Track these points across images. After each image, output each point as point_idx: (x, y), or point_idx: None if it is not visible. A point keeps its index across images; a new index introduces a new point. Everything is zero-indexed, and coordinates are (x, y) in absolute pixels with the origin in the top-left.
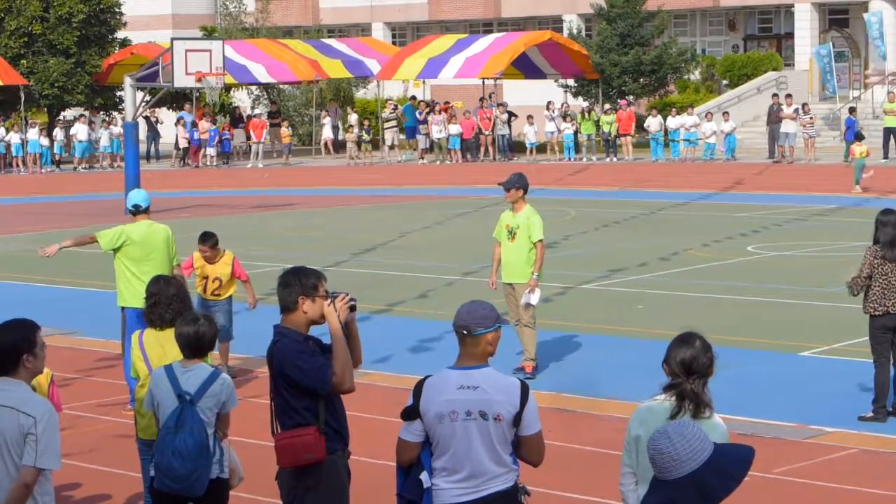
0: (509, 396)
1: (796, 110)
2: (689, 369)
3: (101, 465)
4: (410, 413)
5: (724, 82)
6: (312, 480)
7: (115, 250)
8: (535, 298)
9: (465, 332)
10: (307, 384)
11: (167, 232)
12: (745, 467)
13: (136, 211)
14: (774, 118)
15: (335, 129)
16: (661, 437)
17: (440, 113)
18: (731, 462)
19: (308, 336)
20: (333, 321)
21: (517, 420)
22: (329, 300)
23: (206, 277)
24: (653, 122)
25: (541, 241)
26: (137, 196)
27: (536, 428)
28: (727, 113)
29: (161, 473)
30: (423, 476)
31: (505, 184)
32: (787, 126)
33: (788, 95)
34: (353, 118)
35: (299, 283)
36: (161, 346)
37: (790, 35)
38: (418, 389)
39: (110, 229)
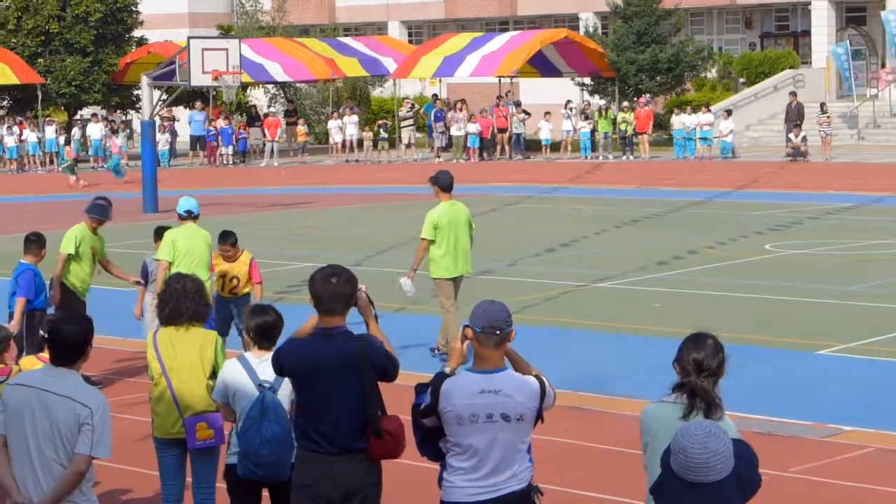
0: (531, 398)
1: (804, 138)
2: (701, 369)
3: (120, 464)
4: (429, 412)
5: (741, 80)
6: (378, 474)
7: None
8: (406, 286)
9: (497, 332)
10: (393, 375)
11: (208, 237)
12: (754, 452)
13: (188, 216)
14: (792, 117)
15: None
16: (709, 438)
17: (460, 111)
18: (745, 450)
19: None
20: (371, 312)
21: (538, 414)
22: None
23: (224, 276)
24: (676, 121)
25: (421, 238)
26: (187, 203)
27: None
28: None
29: (249, 461)
30: (443, 444)
31: None
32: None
33: (797, 125)
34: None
35: (354, 282)
36: (172, 345)
37: (807, 33)
38: (436, 390)
39: (163, 246)
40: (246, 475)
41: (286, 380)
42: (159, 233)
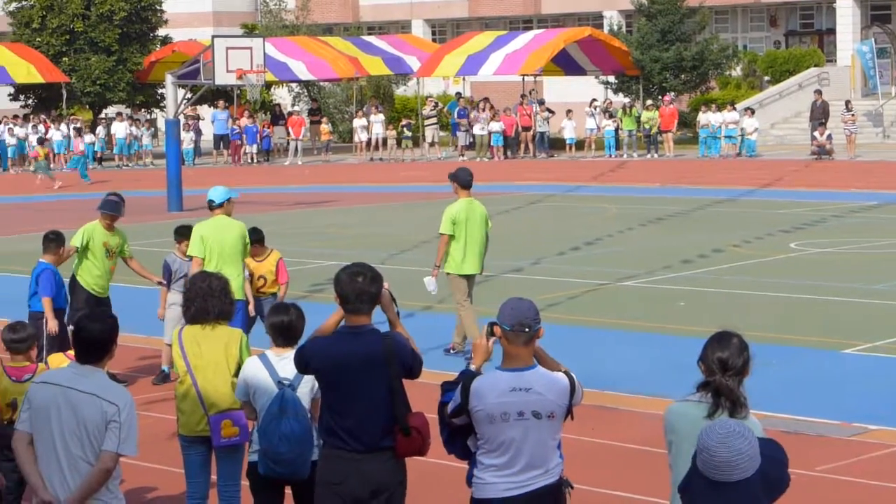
0: (561, 395)
1: (829, 136)
2: (725, 368)
3: (145, 462)
4: (459, 411)
5: (766, 78)
6: (404, 472)
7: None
8: (430, 285)
9: (526, 329)
10: (417, 372)
11: (242, 228)
12: (784, 451)
13: (211, 206)
14: (817, 115)
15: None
16: (733, 436)
17: (483, 110)
18: (774, 449)
19: None
20: (394, 309)
21: (568, 410)
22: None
23: (251, 275)
24: (703, 119)
25: (441, 234)
26: (211, 192)
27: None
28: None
29: (268, 459)
30: (471, 441)
31: None
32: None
33: (822, 124)
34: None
35: (379, 281)
36: (197, 343)
37: (832, 31)
38: (466, 389)
39: (192, 243)
40: (266, 473)
41: (306, 377)
42: (180, 231)
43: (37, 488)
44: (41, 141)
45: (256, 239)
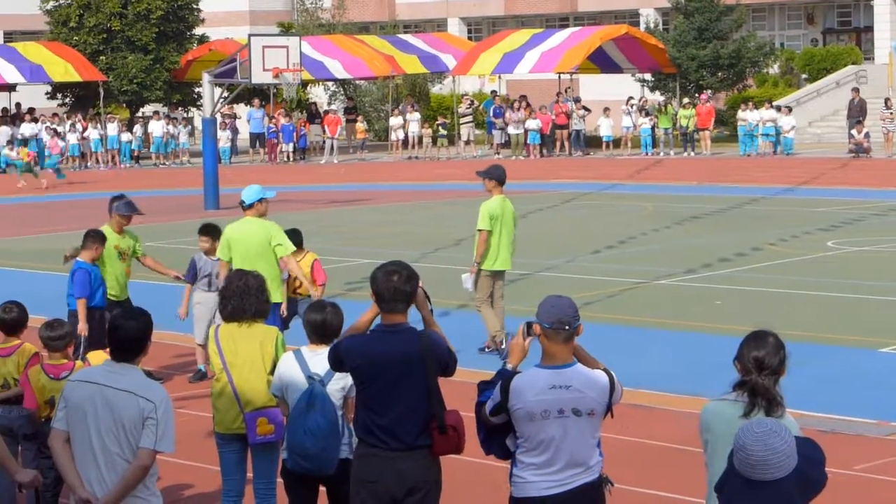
0: (601, 393)
1: (867, 134)
2: (762, 367)
3: (181, 459)
4: (498, 410)
5: (804, 76)
6: (439, 470)
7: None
8: (467, 283)
9: (566, 327)
10: (452, 370)
11: (268, 229)
12: (821, 451)
13: (242, 207)
14: (855, 113)
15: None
16: (769, 435)
17: (518, 110)
18: (811, 448)
19: None
20: (428, 307)
21: (608, 408)
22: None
23: (287, 276)
24: (742, 115)
25: (479, 230)
26: (244, 192)
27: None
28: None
29: (294, 453)
30: (510, 441)
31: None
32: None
33: (860, 122)
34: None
35: (415, 279)
36: (234, 340)
37: (870, 28)
38: (506, 387)
39: (220, 244)
40: (293, 468)
41: (337, 375)
42: (205, 230)
43: (74, 486)
44: (25, 142)
45: (296, 241)
